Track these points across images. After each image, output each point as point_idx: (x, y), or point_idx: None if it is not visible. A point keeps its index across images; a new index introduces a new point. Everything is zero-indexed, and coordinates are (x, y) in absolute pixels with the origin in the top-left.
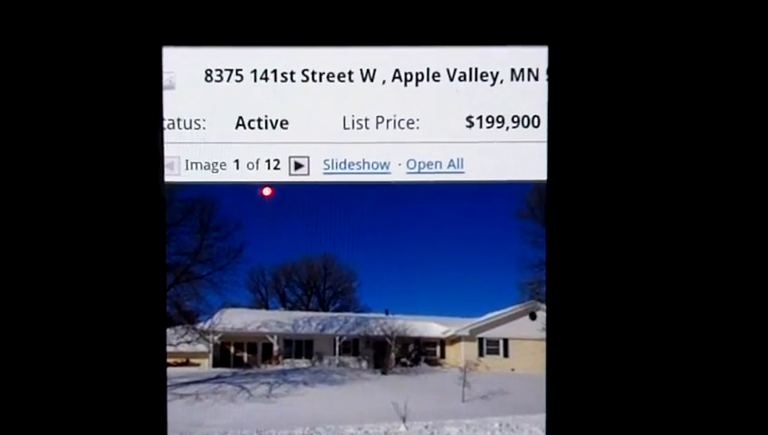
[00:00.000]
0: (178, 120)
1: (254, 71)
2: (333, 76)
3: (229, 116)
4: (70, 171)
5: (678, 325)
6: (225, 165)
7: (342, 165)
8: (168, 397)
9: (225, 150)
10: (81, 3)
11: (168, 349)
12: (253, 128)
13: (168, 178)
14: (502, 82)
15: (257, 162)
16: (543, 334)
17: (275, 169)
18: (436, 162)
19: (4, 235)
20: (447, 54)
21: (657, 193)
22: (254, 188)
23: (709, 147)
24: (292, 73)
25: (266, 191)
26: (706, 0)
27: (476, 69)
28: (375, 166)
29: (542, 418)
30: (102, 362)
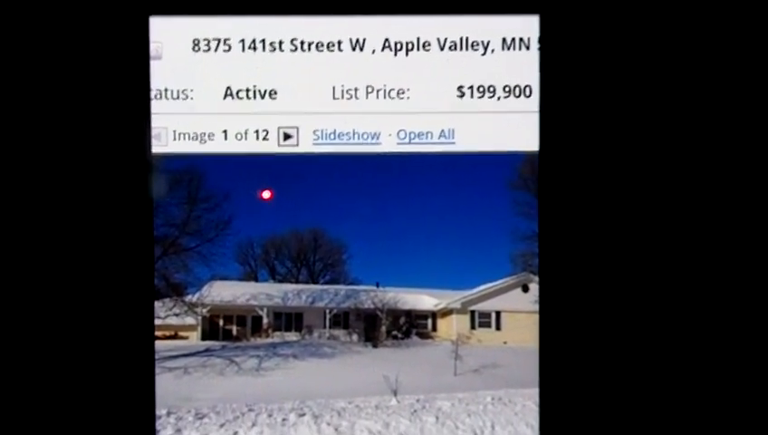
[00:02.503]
0: (166, 90)
1: (243, 40)
2: (323, 46)
3: (217, 86)
4: (55, 143)
5: (672, 295)
6: (213, 136)
7: (332, 136)
8: (156, 371)
9: (214, 121)
10: None
11: (156, 322)
12: (241, 98)
13: (155, 150)
14: (493, 51)
15: (246, 133)
16: (536, 307)
17: (264, 139)
18: (427, 133)
19: None
20: (438, 23)
21: (649, 164)
22: (244, 164)
23: (703, 119)
24: (280, 43)
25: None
26: None
27: (467, 38)
28: (365, 136)
29: (535, 392)
30: (89, 335)
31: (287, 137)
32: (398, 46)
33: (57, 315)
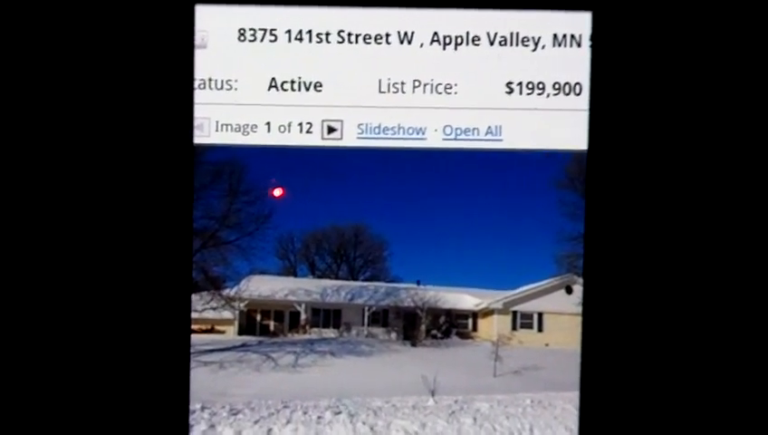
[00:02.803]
0: (210, 80)
1: (289, 31)
2: (370, 38)
3: (262, 77)
4: (99, 132)
5: (722, 301)
6: (256, 127)
7: (377, 130)
8: (192, 364)
9: (257, 112)
10: None
11: (193, 315)
12: (285, 90)
13: (197, 140)
14: (543, 47)
15: (289, 125)
16: (579, 309)
17: (308, 132)
18: (474, 129)
19: (36, 196)
20: (488, 18)
21: (700, 166)
22: (287, 157)
23: (761, 122)
24: (327, 34)
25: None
26: None
27: (517, 33)
28: (410, 131)
29: (575, 395)
30: (126, 326)
31: (331, 130)
32: (447, 40)
33: (95, 307)
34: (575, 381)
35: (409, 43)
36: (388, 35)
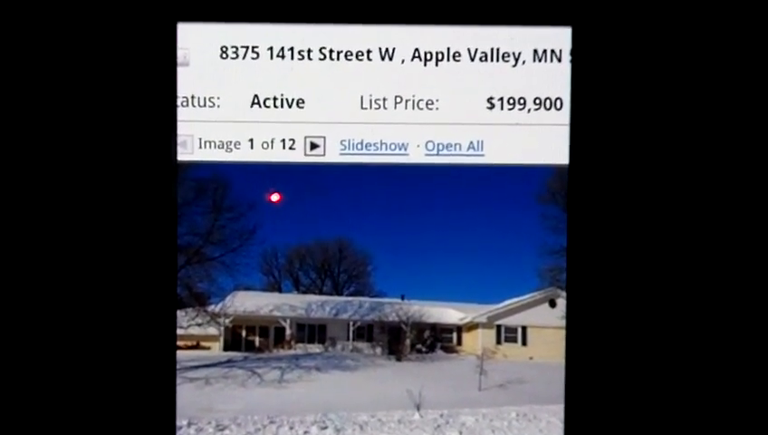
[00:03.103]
0: (192, 97)
1: (271, 48)
2: (351, 55)
3: (244, 94)
4: (81, 150)
5: (703, 315)
6: (239, 144)
7: (359, 146)
8: (178, 381)
9: (240, 129)
10: None
11: (179, 331)
12: (268, 106)
13: (180, 157)
14: (524, 62)
15: (272, 142)
16: (563, 322)
17: (290, 148)
18: (456, 144)
19: (17, 211)
20: (468, 34)
21: (681, 180)
22: (270, 173)
23: (740, 134)
24: (309, 51)
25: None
26: None
27: (498, 49)
28: (393, 147)
29: (560, 408)
30: (111, 344)
31: (314, 146)
32: (428, 56)
33: (79, 324)
34: (560, 394)
35: (391, 59)
36: (369, 52)
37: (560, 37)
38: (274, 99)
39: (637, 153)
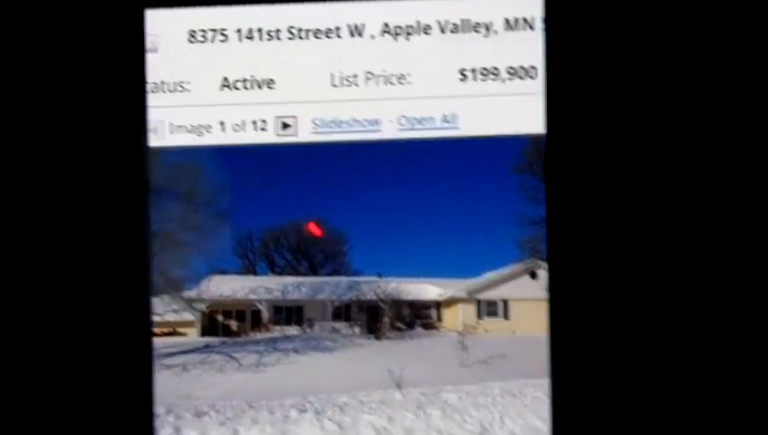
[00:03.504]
0: (162, 83)
1: (239, 30)
2: (320, 32)
3: (214, 77)
4: (50, 138)
5: (685, 282)
6: (210, 128)
7: (332, 124)
8: (155, 368)
9: (211, 113)
10: None
11: (154, 318)
12: (238, 89)
13: (152, 143)
14: (496, 32)
15: (243, 124)
16: (545, 294)
17: (262, 130)
18: (429, 118)
19: None
20: (438, 5)
21: (659, 145)
22: (243, 156)
23: (714, 101)
24: (278, 31)
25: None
26: None
27: (468, 20)
28: (365, 124)
29: (545, 383)
30: (85, 332)
31: (285, 126)
32: (398, 31)
33: (52, 313)
34: (544, 368)
35: (360, 35)
36: (338, 29)
37: (531, 4)
38: (244, 80)
39: (614, 119)
